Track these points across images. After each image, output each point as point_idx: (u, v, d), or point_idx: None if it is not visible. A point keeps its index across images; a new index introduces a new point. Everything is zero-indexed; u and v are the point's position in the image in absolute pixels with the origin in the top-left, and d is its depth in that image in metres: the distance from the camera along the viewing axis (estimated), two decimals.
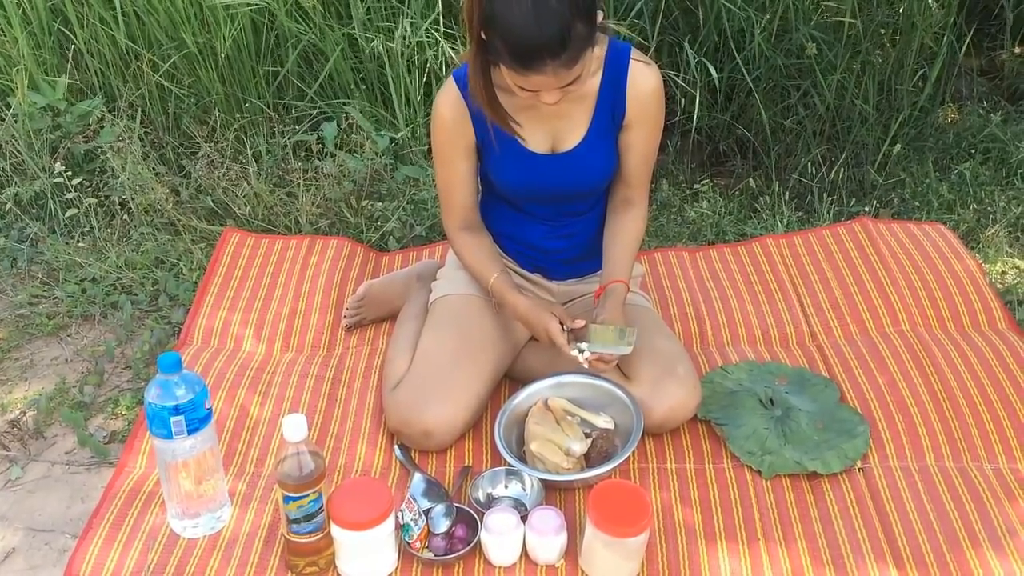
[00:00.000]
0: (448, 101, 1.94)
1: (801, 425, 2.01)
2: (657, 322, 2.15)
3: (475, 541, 1.74)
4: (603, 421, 1.96)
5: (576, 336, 1.94)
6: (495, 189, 2.07)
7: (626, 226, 2.06)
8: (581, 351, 1.92)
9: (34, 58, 3.13)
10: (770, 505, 1.87)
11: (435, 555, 1.73)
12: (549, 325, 1.93)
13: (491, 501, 1.87)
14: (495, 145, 1.96)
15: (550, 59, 1.64)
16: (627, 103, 1.92)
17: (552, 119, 1.93)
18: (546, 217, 2.08)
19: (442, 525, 1.77)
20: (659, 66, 3.01)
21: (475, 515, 1.78)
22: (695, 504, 1.88)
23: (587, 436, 1.94)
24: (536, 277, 2.19)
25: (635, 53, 1.91)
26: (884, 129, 3.20)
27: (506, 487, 1.90)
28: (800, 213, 2.95)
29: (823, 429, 2.01)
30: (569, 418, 1.96)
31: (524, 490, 1.88)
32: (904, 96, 3.21)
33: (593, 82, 1.90)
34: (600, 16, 1.71)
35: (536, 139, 1.96)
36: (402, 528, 1.74)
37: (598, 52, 1.88)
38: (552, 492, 1.89)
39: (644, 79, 1.91)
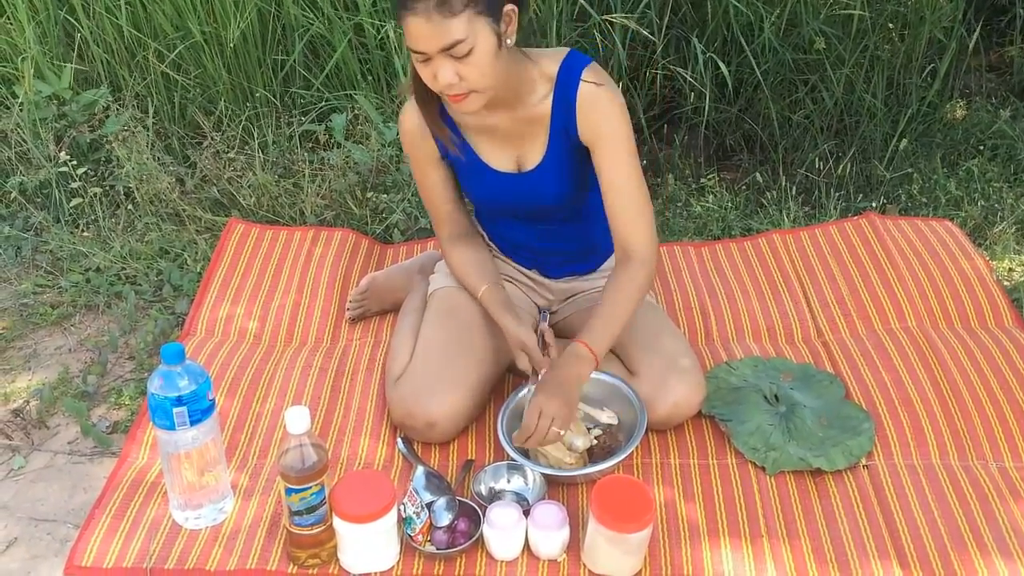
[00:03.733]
0: (410, 114, 1.95)
1: (806, 422, 2.01)
2: (662, 318, 2.14)
3: (477, 535, 1.74)
4: (606, 417, 1.95)
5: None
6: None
7: (618, 284, 1.90)
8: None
9: (40, 47, 3.12)
10: (774, 502, 1.86)
11: (437, 548, 1.73)
12: (518, 360, 1.94)
13: (493, 495, 1.87)
14: (459, 159, 1.97)
15: None
16: (578, 125, 1.86)
17: (512, 139, 1.92)
18: (526, 225, 2.08)
19: (444, 518, 1.76)
20: (667, 60, 3.02)
21: (477, 509, 1.78)
22: (698, 500, 1.87)
23: (590, 431, 1.93)
24: (533, 274, 2.18)
25: (588, 72, 1.83)
26: (892, 124, 3.18)
27: (508, 481, 1.89)
28: (807, 208, 2.94)
29: (828, 426, 2.00)
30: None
31: (526, 484, 1.88)
32: (912, 91, 3.20)
33: (546, 103, 1.86)
34: (508, 7, 1.68)
35: (500, 158, 1.95)
36: (404, 521, 1.74)
37: (548, 71, 1.84)
38: (555, 487, 1.88)
39: (591, 101, 1.83)
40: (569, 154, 1.91)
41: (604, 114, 1.84)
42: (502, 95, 1.81)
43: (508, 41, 1.72)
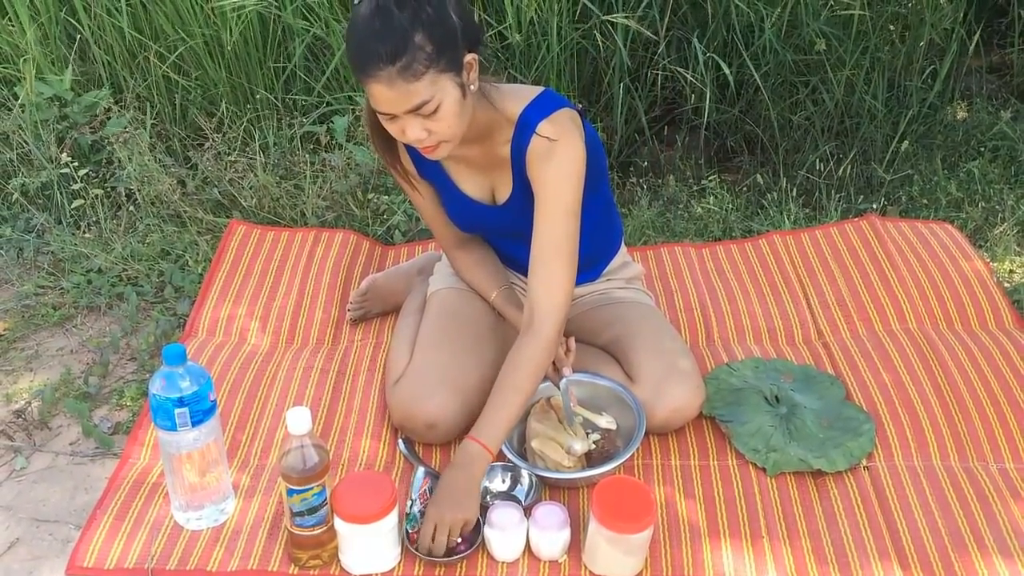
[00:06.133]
0: None
1: (806, 423, 2.01)
2: (660, 321, 2.14)
3: (478, 542, 1.73)
4: (605, 422, 1.95)
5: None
6: None
7: (514, 365, 1.81)
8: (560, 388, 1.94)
9: (41, 48, 3.13)
10: (774, 503, 1.86)
11: (438, 555, 1.72)
12: None
13: (487, 494, 1.87)
14: (437, 182, 1.98)
15: (384, 64, 1.58)
16: (527, 175, 1.84)
17: (485, 170, 1.92)
18: (517, 243, 2.05)
19: None
20: (667, 61, 3.02)
21: (478, 514, 1.77)
22: (699, 501, 1.87)
23: (588, 436, 1.93)
24: None
25: (546, 124, 1.78)
26: (893, 126, 3.19)
27: (503, 482, 1.89)
28: (807, 210, 2.94)
29: (828, 427, 2.00)
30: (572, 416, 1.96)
31: (521, 486, 1.88)
32: (913, 93, 3.20)
33: (507, 148, 1.85)
34: (468, 56, 1.66)
35: (475, 187, 1.96)
36: (407, 517, 1.74)
37: (511, 115, 1.81)
38: (556, 489, 1.88)
39: (539, 155, 1.79)
40: (533, 197, 1.86)
41: (548, 172, 1.79)
42: (470, 133, 1.79)
43: (472, 87, 1.71)
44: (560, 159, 1.79)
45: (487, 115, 1.80)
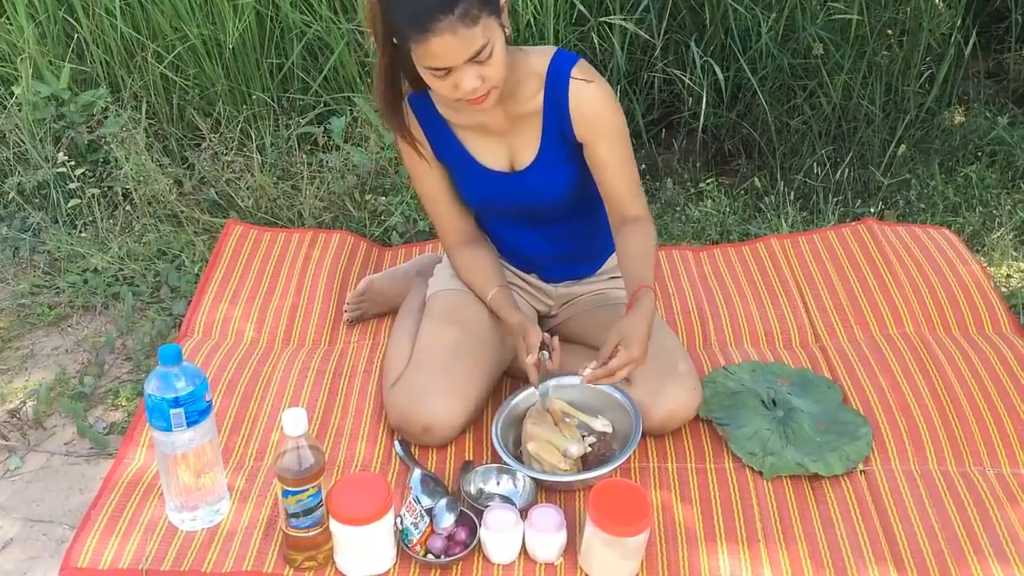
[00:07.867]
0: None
1: (803, 426, 2.01)
2: (658, 322, 2.13)
3: (473, 544, 1.73)
4: (601, 424, 1.95)
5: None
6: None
7: (631, 242, 1.94)
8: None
9: (39, 47, 3.12)
10: (771, 506, 1.86)
11: (434, 558, 1.71)
12: (520, 354, 1.93)
13: (482, 496, 1.86)
14: (452, 160, 1.99)
15: (442, 14, 1.60)
16: (573, 123, 1.88)
17: (505, 136, 1.93)
18: (522, 226, 2.08)
19: (446, 520, 1.74)
20: (665, 63, 3.02)
21: (474, 517, 1.77)
22: (695, 504, 1.87)
23: (584, 439, 1.93)
24: (533, 278, 2.18)
25: (577, 70, 1.86)
26: (890, 130, 3.19)
27: (498, 484, 1.89)
28: (805, 213, 2.94)
29: (825, 430, 2.00)
30: (567, 420, 1.96)
31: (515, 488, 1.88)
32: (911, 97, 3.20)
33: (537, 100, 1.88)
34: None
35: (492, 157, 1.96)
36: (401, 532, 1.73)
37: (538, 68, 1.86)
38: (552, 492, 1.88)
39: (586, 99, 1.86)
40: (562, 152, 1.92)
41: (599, 111, 1.87)
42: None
43: (507, 31, 1.75)
44: (606, 97, 1.87)
45: (514, 69, 1.83)
